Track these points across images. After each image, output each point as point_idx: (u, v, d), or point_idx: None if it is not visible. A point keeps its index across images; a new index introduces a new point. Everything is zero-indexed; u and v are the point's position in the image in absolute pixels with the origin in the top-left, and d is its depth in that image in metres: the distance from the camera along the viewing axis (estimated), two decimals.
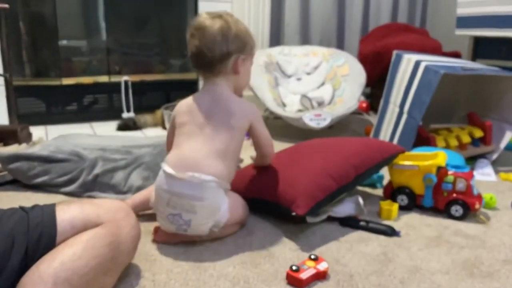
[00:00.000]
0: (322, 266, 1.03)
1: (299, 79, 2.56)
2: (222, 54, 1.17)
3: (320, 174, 1.24)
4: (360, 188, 1.60)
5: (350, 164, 1.31)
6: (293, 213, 1.19)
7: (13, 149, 1.78)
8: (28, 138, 2.01)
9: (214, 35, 1.15)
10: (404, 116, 1.84)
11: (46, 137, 2.14)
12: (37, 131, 2.15)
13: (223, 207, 1.13)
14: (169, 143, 1.26)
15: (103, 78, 2.50)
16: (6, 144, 1.92)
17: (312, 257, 1.06)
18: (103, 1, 2.45)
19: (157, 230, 1.18)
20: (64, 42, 2.44)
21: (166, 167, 1.12)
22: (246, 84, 1.28)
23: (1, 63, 2.17)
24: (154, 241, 1.18)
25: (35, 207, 0.91)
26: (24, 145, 1.89)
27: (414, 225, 1.32)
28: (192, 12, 2.65)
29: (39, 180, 1.47)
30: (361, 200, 1.34)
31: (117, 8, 2.50)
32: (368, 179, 1.53)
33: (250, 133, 1.24)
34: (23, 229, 0.84)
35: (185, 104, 1.23)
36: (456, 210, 1.35)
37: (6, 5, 1.97)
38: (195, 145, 1.14)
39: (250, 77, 1.29)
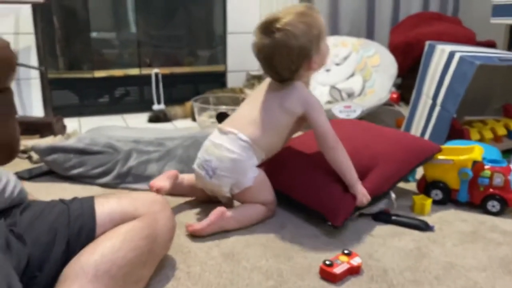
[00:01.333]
0: (355, 261, 1.03)
1: (328, 70, 2.53)
2: (291, 71, 1.21)
3: None
4: None
5: (386, 176, 1.30)
6: (329, 223, 1.19)
7: (49, 141, 1.83)
8: (62, 130, 2.07)
9: (279, 59, 1.18)
10: (437, 108, 1.80)
11: (79, 128, 2.19)
12: (70, 123, 2.20)
13: (249, 173, 1.22)
14: None
15: (134, 71, 2.53)
16: (42, 135, 1.97)
17: (346, 252, 1.06)
18: None
19: (190, 224, 1.19)
20: (96, 36, 2.48)
21: (220, 124, 1.28)
22: (325, 62, 1.28)
23: (36, 57, 2.22)
24: (190, 233, 1.18)
25: (74, 200, 0.93)
26: (59, 137, 1.94)
27: (448, 220, 1.30)
28: (220, 2, 2.65)
29: (75, 171, 1.51)
30: (393, 195, 1.33)
31: (146, 1, 2.52)
32: None
33: (308, 122, 1.24)
34: (65, 222, 0.87)
35: (264, 83, 1.31)
36: (493, 205, 1.32)
37: (41, 0, 2.02)
38: (244, 110, 1.30)
39: (328, 53, 1.27)
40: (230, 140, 1.21)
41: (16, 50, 2.17)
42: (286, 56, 1.17)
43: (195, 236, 1.18)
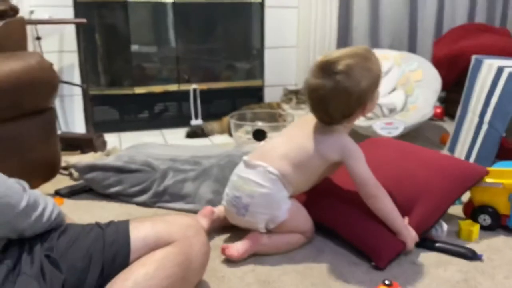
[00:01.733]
0: None
1: None
2: (344, 116, 1.15)
3: None
4: None
5: (431, 210, 1.23)
6: (373, 263, 1.14)
7: (89, 157, 1.87)
8: (103, 146, 2.10)
9: (336, 102, 1.12)
10: (485, 127, 1.71)
11: (119, 144, 2.23)
12: (111, 138, 2.24)
13: (283, 206, 1.17)
14: None
15: (173, 87, 2.56)
16: (83, 151, 2.01)
17: (387, 282, 1.01)
18: (172, 12, 2.51)
19: (225, 248, 1.17)
20: (136, 53, 2.53)
21: (245, 156, 1.23)
22: (373, 109, 1.27)
23: (79, 74, 2.29)
24: (225, 256, 1.16)
25: (110, 224, 0.93)
26: (99, 153, 1.97)
27: (498, 248, 1.22)
28: (258, 19, 2.65)
29: (113, 190, 1.53)
30: (444, 226, 1.26)
31: (185, 18, 2.55)
32: None
33: (348, 170, 1.18)
34: (100, 247, 0.86)
35: (303, 119, 1.26)
36: None
37: (84, 20, 2.07)
38: (277, 143, 1.24)
39: (378, 100, 1.22)
40: (258, 174, 1.16)
41: (59, 68, 2.24)
42: (344, 100, 1.11)
43: (230, 260, 1.15)
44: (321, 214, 1.26)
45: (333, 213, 1.26)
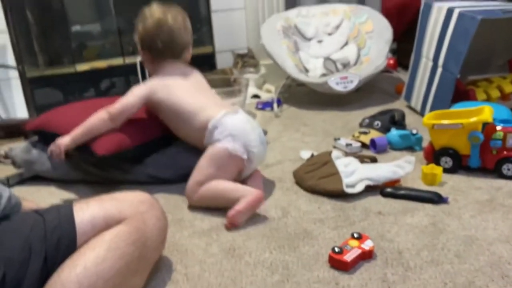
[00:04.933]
0: (367, 245, 0.94)
1: (320, 41, 2.41)
2: (186, 42, 1.45)
3: None
4: (397, 152, 1.48)
5: None
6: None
7: None
8: None
9: (180, 27, 1.42)
10: (439, 70, 1.69)
11: None
12: None
13: None
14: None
15: (118, 61, 2.40)
16: (26, 138, 1.87)
17: (355, 235, 0.97)
18: None
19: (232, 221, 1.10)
20: (74, 27, 2.36)
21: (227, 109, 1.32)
22: None
23: (13, 56, 2.11)
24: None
25: (50, 209, 0.84)
26: None
27: (462, 189, 1.21)
28: None
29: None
30: (412, 158, 1.27)
31: None
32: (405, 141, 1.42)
33: None
34: (40, 234, 0.77)
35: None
36: (509, 168, 1.23)
37: None
38: (203, 97, 1.39)
39: None
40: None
41: None
42: (185, 24, 1.49)
43: (193, 233, 1.09)
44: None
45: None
